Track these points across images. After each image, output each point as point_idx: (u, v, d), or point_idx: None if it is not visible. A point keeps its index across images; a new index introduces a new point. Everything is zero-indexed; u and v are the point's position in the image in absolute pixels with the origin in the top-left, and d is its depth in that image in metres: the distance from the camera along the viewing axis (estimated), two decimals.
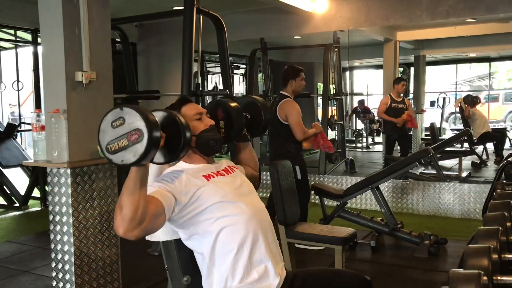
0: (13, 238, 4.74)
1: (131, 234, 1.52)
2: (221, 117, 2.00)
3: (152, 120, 1.48)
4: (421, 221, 5.12)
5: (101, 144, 1.50)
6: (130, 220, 1.49)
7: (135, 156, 1.45)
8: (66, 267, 2.94)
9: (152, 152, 1.48)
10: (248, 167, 2.16)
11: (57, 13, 2.82)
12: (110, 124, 1.49)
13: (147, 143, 1.44)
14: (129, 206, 1.49)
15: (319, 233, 3.20)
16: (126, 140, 1.46)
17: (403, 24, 6.25)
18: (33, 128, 2.98)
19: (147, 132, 1.44)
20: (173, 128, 1.66)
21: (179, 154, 1.69)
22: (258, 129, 2.16)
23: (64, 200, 2.90)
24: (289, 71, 4.17)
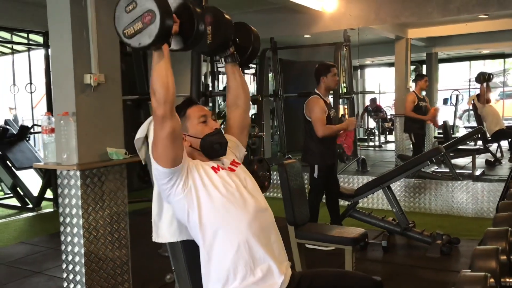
0: (26, 239, 4.80)
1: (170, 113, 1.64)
2: (209, 21, 1.87)
3: (163, 0, 1.53)
4: (433, 221, 5.07)
5: (118, 30, 1.58)
6: (164, 102, 1.61)
7: (150, 37, 1.51)
8: (76, 269, 2.96)
9: (166, 31, 1.53)
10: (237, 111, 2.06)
11: (65, 16, 2.84)
12: (123, 10, 1.56)
13: (160, 22, 1.49)
14: (160, 89, 1.62)
15: (329, 233, 3.18)
16: (140, 23, 1.53)
17: (413, 21, 6.20)
18: (43, 130, 3.00)
19: (159, 11, 1.49)
20: (187, 15, 1.68)
21: (193, 41, 1.72)
22: (245, 54, 2.04)
23: (74, 202, 2.92)
24: (320, 68, 4.14)
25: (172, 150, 1.68)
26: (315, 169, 4.10)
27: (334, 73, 4.11)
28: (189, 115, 1.88)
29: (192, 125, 1.87)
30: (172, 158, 1.68)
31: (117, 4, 1.56)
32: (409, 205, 5.58)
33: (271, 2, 5.53)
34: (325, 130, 4.00)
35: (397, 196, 5.52)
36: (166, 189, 1.73)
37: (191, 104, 1.92)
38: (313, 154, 4.06)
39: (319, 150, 4.07)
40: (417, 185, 5.58)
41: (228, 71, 2.04)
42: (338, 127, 4.05)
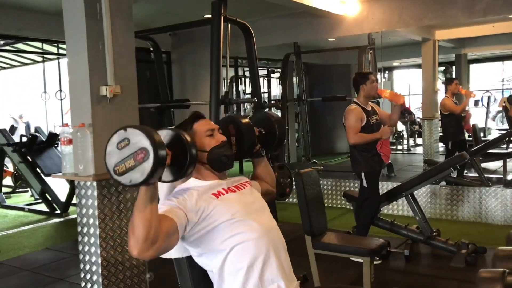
0: (51, 245, 4.90)
1: (145, 255, 1.51)
2: (232, 133, 2.00)
3: (157, 138, 1.48)
4: (460, 228, 4.94)
5: (108, 167, 1.50)
6: (143, 240, 1.48)
7: (142, 175, 1.45)
8: (94, 278, 3.00)
9: (159, 169, 1.48)
10: (264, 183, 2.14)
11: (81, 29, 2.89)
12: (115, 146, 1.50)
13: (153, 161, 1.44)
14: (141, 226, 1.49)
15: (347, 244, 3.13)
16: (132, 160, 1.46)
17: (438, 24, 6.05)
18: (62, 142, 3.06)
19: (152, 150, 1.45)
20: (179, 146, 1.67)
21: (186, 171, 1.69)
22: (273, 144, 2.15)
23: (91, 212, 2.97)
24: (357, 78, 4.11)
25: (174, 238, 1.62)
26: (362, 178, 4.03)
27: (372, 80, 4.06)
28: (196, 130, 1.87)
29: (199, 139, 1.86)
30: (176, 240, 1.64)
31: (108, 140, 1.51)
32: (434, 212, 5.44)
33: (293, 7, 5.50)
34: (357, 138, 3.94)
35: (422, 203, 5.44)
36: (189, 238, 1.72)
37: (197, 119, 1.91)
38: (358, 163, 4.01)
39: (363, 158, 4.00)
40: (443, 191, 5.44)
41: (255, 164, 2.15)
42: (371, 136, 3.96)
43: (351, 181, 6.05)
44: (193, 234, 1.70)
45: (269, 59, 10.06)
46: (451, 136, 6.05)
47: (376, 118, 4.08)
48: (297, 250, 3.18)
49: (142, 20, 5.93)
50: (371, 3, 5.62)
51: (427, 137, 8.05)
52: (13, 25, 5.46)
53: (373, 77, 4.12)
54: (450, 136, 6.07)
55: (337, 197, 6.13)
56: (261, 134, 2.09)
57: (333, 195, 6.23)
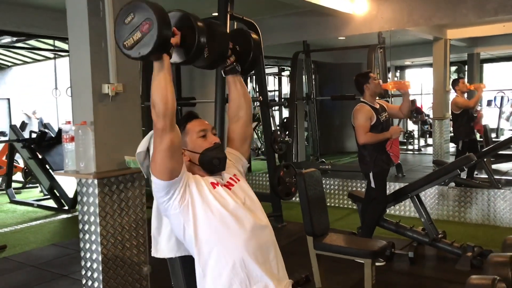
0: (58, 241, 4.94)
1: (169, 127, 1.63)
2: None
3: (159, 8, 1.54)
4: (467, 231, 4.88)
5: (118, 43, 1.59)
6: (163, 115, 1.61)
7: (149, 45, 1.52)
8: (94, 275, 3.01)
9: (165, 39, 1.54)
10: (239, 122, 2.02)
11: (84, 27, 2.89)
12: (123, 22, 1.57)
13: (158, 29, 1.50)
14: (160, 102, 1.60)
15: (348, 245, 3.10)
16: (139, 32, 1.54)
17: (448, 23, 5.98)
18: (64, 139, 3.07)
19: (156, 19, 1.50)
20: (188, 28, 1.68)
21: (195, 53, 1.70)
22: (246, 62, 2.00)
23: (92, 210, 2.98)
24: (359, 79, 4.06)
25: (170, 163, 1.66)
26: (370, 178, 3.99)
27: (373, 77, 4.02)
28: (188, 130, 1.86)
29: (192, 140, 1.85)
30: (169, 171, 1.67)
31: (116, 17, 1.58)
32: (442, 213, 5.38)
33: (302, 6, 5.47)
34: (367, 138, 3.88)
35: (429, 204, 5.39)
36: (164, 202, 1.73)
37: (191, 118, 1.90)
38: (367, 163, 3.96)
39: (371, 158, 3.95)
40: (451, 193, 5.37)
41: (229, 81, 2.01)
42: (381, 136, 3.91)
43: (358, 181, 6.01)
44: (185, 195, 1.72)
45: (279, 57, 10.03)
46: (462, 136, 5.95)
47: (385, 115, 4.03)
48: (301, 250, 3.17)
49: None
50: (380, 2, 5.57)
51: (437, 137, 7.97)
52: (24, 22, 5.52)
53: (373, 74, 4.08)
54: (460, 135, 5.97)
55: (344, 197, 6.09)
56: (235, 50, 1.96)
57: (339, 195, 6.19)
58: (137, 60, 1.63)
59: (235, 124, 2.03)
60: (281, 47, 8.22)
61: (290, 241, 4.68)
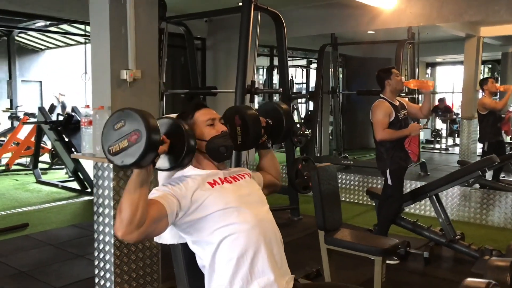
0: (77, 223, 5.06)
1: (129, 237, 1.54)
2: (238, 123, 1.98)
3: (151, 122, 1.51)
4: (487, 234, 4.77)
5: (104, 146, 1.54)
6: (128, 223, 1.51)
7: (134, 156, 1.48)
8: (106, 257, 3.07)
9: (151, 153, 1.51)
10: (268, 174, 2.13)
11: (104, 13, 2.92)
12: (112, 127, 1.54)
13: (145, 143, 1.47)
14: (128, 209, 1.51)
15: (359, 241, 3.07)
16: (126, 141, 1.50)
17: (482, 20, 5.81)
18: (82, 123, 3.13)
19: (145, 132, 1.47)
20: (178, 135, 1.68)
21: (183, 161, 1.70)
22: (280, 136, 2.13)
23: (106, 193, 3.03)
24: (380, 74, 4.00)
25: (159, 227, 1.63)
26: (387, 175, 3.94)
27: (396, 74, 3.95)
28: (196, 119, 1.87)
29: (199, 128, 1.86)
30: (164, 226, 1.65)
31: (107, 121, 1.55)
32: (463, 214, 5.27)
33: None
34: (384, 134, 3.83)
35: (450, 205, 5.29)
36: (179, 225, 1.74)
37: (199, 108, 1.90)
38: (384, 160, 3.92)
39: (389, 155, 3.90)
40: (473, 194, 5.25)
41: (261, 155, 2.14)
42: (399, 133, 3.85)
43: (379, 178, 5.92)
44: (186, 222, 1.71)
45: (307, 49, 9.97)
46: (488, 137, 5.79)
47: (404, 113, 3.96)
48: (315, 244, 3.16)
49: (176, 6, 5.97)
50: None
51: (465, 137, 7.80)
52: (53, 6, 5.62)
53: (396, 70, 4.00)
54: (486, 136, 5.82)
55: (363, 193, 6.03)
56: (268, 125, 2.07)
57: (359, 191, 6.13)
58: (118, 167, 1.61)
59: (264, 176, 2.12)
60: (309, 39, 8.16)
61: (305, 235, 4.68)
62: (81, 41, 11.14)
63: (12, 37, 10.57)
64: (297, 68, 13.89)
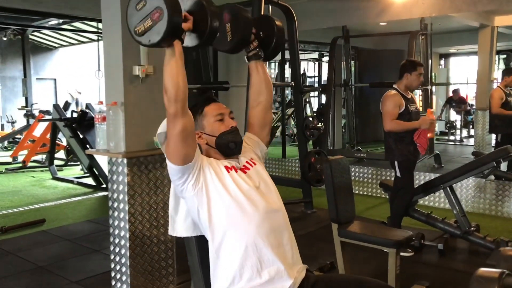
0: (93, 218, 5.13)
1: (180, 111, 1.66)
2: (227, 19, 1.85)
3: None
4: (503, 225, 4.73)
5: (130, 29, 1.61)
6: (174, 100, 1.63)
7: (159, 34, 1.53)
8: (122, 251, 3.11)
9: (175, 28, 1.55)
10: (258, 107, 2.03)
11: (116, 8, 2.94)
12: (134, 8, 1.59)
13: (168, 18, 1.51)
14: (171, 87, 1.62)
15: (372, 234, 3.07)
16: (150, 20, 1.55)
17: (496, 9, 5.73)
18: (96, 119, 3.16)
19: (166, 8, 1.51)
20: (201, 12, 1.68)
21: (208, 37, 1.70)
22: (269, 48, 2.00)
23: (121, 188, 3.06)
24: (406, 64, 3.98)
25: (183, 148, 1.69)
26: (396, 167, 3.94)
27: (420, 72, 3.91)
28: (206, 113, 1.88)
29: (209, 123, 1.87)
30: (182, 156, 1.70)
31: (128, 3, 1.59)
32: (478, 206, 5.23)
33: None
34: (393, 125, 3.83)
35: (465, 196, 5.25)
36: (179, 185, 1.76)
37: (209, 102, 1.92)
38: (392, 151, 3.92)
39: (397, 146, 3.90)
40: (488, 186, 5.21)
41: (251, 67, 2.01)
42: (409, 125, 3.83)
43: (392, 171, 5.87)
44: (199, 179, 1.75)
45: (318, 42, 9.92)
46: (499, 129, 5.72)
47: (415, 107, 3.95)
48: (330, 237, 3.17)
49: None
50: None
51: (480, 128, 7.72)
52: (66, 4, 5.67)
53: (422, 70, 3.95)
54: (498, 128, 5.75)
55: (377, 186, 6.00)
56: (259, 36, 1.96)
57: (372, 184, 6.11)
58: (148, 47, 1.64)
59: (255, 109, 2.03)
60: (321, 32, 8.12)
61: (318, 228, 4.68)
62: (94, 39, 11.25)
63: (26, 36, 10.70)
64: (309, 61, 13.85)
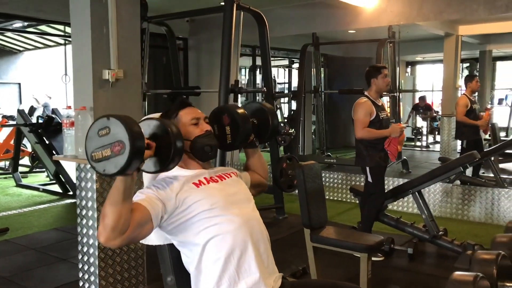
0: (60, 226, 4.98)
1: (112, 243, 1.51)
2: (227, 122, 1.96)
3: (136, 133, 1.46)
4: (469, 229, 4.84)
5: (87, 151, 1.51)
6: (111, 229, 1.48)
7: (116, 167, 1.44)
8: (90, 260, 3.03)
9: (134, 165, 1.47)
10: (256, 174, 2.12)
11: (85, 13, 2.89)
12: (96, 133, 1.50)
13: (128, 156, 1.43)
14: (111, 215, 1.48)
15: (344, 239, 3.08)
16: (109, 151, 1.46)
17: (460, 18, 5.89)
18: (64, 124, 3.08)
19: (129, 145, 1.43)
20: (164, 138, 1.64)
21: (169, 164, 1.66)
22: (266, 135, 2.12)
23: (90, 195, 2.99)
24: (370, 70, 4.04)
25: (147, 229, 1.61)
26: (367, 172, 3.99)
27: (384, 74, 3.99)
28: (180, 117, 1.85)
29: (183, 127, 1.84)
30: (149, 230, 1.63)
31: (92, 125, 1.52)
32: (445, 211, 5.34)
33: None
34: (364, 133, 3.88)
35: (433, 201, 5.35)
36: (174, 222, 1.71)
37: (184, 106, 1.89)
38: (364, 157, 3.96)
39: (368, 153, 3.95)
40: (455, 190, 5.33)
41: (248, 154, 2.12)
42: (379, 133, 3.89)
43: (362, 176, 5.96)
44: (171, 223, 1.69)
45: (288, 49, 9.99)
46: (465, 135, 5.85)
47: (385, 114, 4.02)
48: (301, 243, 3.17)
49: (157, 5, 5.92)
50: None
51: (446, 134, 7.91)
52: (32, 6, 5.52)
53: (386, 71, 4.05)
54: (463, 135, 5.88)
55: (347, 191, 6.06)
56: (254, 124, 2.06)
57: (342, 189, 6.16)
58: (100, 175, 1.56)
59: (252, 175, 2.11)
60: (291, 39, 8.18)
61: (290, 234, 4.68)
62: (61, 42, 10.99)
63: None
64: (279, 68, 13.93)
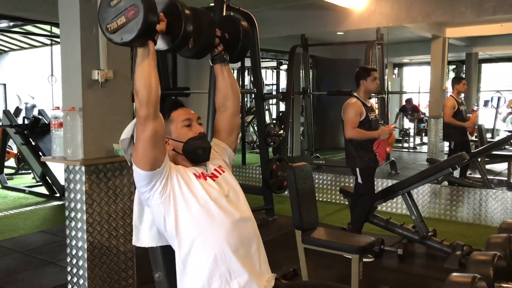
0: (47, 228, 4.91)
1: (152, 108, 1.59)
2: None
3: None
4: (458, 230, 4.87)
5: (101, 25, 1.54)
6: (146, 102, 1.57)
7: (133, 32, 1.47)
8: (79, 263, 2.99)
9: (150, 27, 1.49)
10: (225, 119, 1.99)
11: (74, 12, 2.84)
12: (108, 4, 1.52)
13: (143, 17, 1.45)
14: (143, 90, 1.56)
15: (335, 240, 3.08)
16: (123, 18, 1.49)
17: (450, 20, 5.94)
18: (52, 125, 3.04)
19: (142, 6, 1.45)
20: (175, 15, 1.63)
21: (181, 41, 1.66)
22: (235, 50, 1.95)
23: (79, 197, 2.94)
24: (360, 71, 4.06)
25: (153, 153, 1.63)
26: (357, 173, 4.00)
27: (374, 76, 4.02)
28: (173, 118, 1.83)
29: (176, 129, 1.82)
30: (152, 161, 1.64)
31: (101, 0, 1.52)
32: (434, 211, 5.37)
33: None
34: (353, 133, 3.89)
35: (421, 202, 5.38)
36: (145, 193, 1.70)
37: (176, 107, 1.86)
38: (354, 158, 3.98)
39: (358, 154, 3.96)
40: (443, 191, 5.36)
41: (216, 70, 1.96)
42: (369, 134, 3.91)
43: (351, 177, 5.98)
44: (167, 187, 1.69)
45: (277, 50, 9.99)
46: (452, 137, 5.89)
47: (374, 115, 4.04)
48: (291, 244, 3.16)
49: None
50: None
51: (433, 136, 7.97)
52: (18, 5, 5.45)
53: (376, 74, 4.06)
54: (451, 136, 5.91)
55: (336, 193, 6.08)
56: (224, 37, 1.91)
57: (332, 190, 6.17)
58: (119, 45, 1.57)
59: (222, 115, 1.99)
60: (280, 40, 8.19)
61: (280, 235, 4.67)
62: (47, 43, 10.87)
63: None
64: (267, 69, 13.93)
